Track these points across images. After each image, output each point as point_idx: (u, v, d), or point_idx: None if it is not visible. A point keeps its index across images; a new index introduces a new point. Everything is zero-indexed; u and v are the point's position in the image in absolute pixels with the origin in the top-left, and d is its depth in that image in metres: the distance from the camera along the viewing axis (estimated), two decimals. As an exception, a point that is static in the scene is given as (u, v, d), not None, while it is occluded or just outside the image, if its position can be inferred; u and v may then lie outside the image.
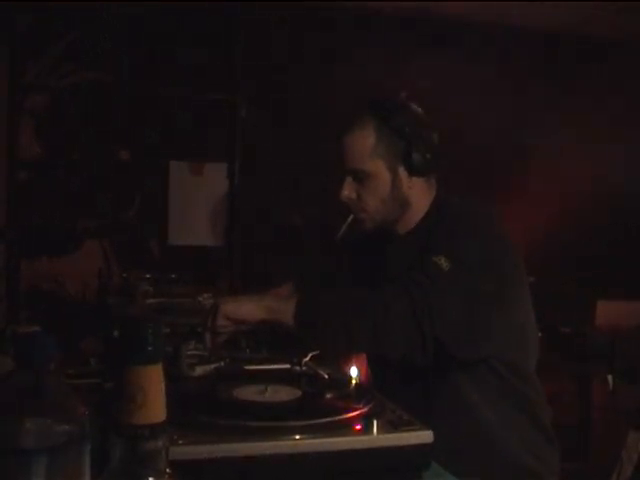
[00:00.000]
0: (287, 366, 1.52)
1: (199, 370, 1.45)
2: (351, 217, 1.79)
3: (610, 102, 4.30)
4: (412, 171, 1.72)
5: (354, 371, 1.39)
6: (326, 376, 1.42)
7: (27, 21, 3.47)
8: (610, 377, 2.99)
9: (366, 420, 1.17)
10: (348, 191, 1.75)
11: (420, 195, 1.77)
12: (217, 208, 3.61)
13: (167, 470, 0.70)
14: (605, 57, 4.29)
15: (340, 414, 1.19)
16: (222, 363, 1.50)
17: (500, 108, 4.13)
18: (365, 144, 1.71)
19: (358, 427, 1.16)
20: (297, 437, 1.11)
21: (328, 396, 1.32)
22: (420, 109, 1.77)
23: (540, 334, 1.89)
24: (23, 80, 3.47)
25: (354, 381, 1.37)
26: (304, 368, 1.48)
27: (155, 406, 0.69)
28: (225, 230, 3.60)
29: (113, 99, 3.69)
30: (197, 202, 3.56)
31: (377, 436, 1.14)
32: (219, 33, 3.66)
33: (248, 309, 1.55)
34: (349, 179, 1.75)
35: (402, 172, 1.73)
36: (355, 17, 3.95)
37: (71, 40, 3.62)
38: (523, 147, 4.21)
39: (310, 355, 1.50)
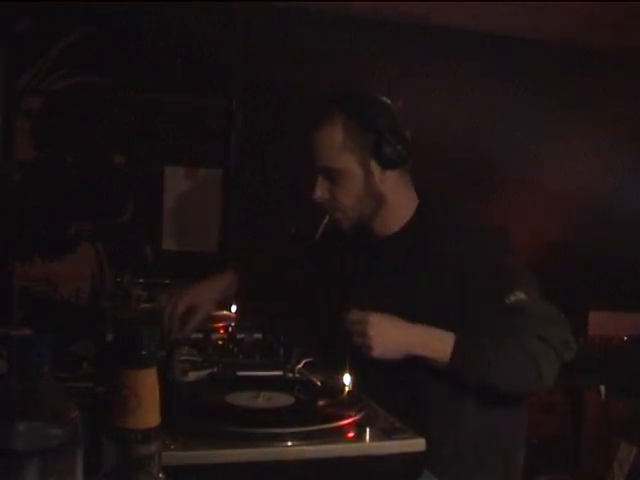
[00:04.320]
0: (280, 372, 1.52)
1: (192, 376, 1.45)
2: (327, 218, 1.75)
3: (606, 113, 4.31)
4: (384, 164, 1.68)
5: (347, 378, 1.39)
6: (319, 383, 1.42)
7: (24, 24, 3.47)
8: (602, 388, 2.99)
9: (359, 428, 1.16)
10: (320, 191, 1.72)
11: (395, 190, 1.73)
12: (211, 214, 3.61)
13: (160, 475, 0.70)
14: (604, 67, 4.31)
15: (333, 421, 1.18)
16: (215, 369, 1.50)
17: (491, 115, 4.14)
18: (333, 140, 1.67)
19: (351, 434, 1.16)
20: (289, 444, 1.11)
21: (321, 403, 1.32)
22: (388, 101, 1.73)
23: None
24: (19, 82, 3.47)
25: (347, 388, 1.37)
26: (297, 375, 1.48)
27: (149, 410, 0.68)
28: (219, 236, 3.60)
29: (108, 102, 3.69)
30: (191, 207, 3.56)
31: (369, 444, 1.14)
32: (216, 38, 3.67)
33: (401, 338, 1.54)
34: (321, 178, 1.71)
35: (374, 166, 1.68)
36: (355, 21, 3.96)
37: (67, 44, 3.62)
38: (514, 157, 4.21)
39: (303, 362, 1.50)
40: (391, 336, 1.53)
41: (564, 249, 4.18)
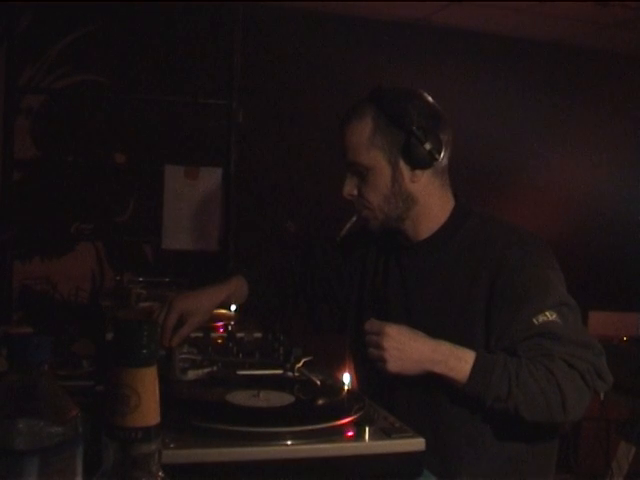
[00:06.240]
0: (280, 371, 1.52)
1: (192, 374, 1.45)
2: (355, 217, 1.71)
3: (607, 113, 4.32)
4: (413, 163, 1.60)
5: (347, 378, 1.39)
6: (319, 382, 1.42)
7: (25, 22, 3.48)
8: (601, 388, 2.99)
9: (358, 427, 1.16)
10: (349, 187, 1.66)
11: (427, 191, 1.65)
12: (212, 213, 3.60)
13: (160, 473, 0.70)
14: (610, 70, 4.32)
15: (332, 420, 1.18)
16: (215, 368, 1.50)
17: (491, 115, 4.14)
18: (362, 135, 1.61)
19: (350, 434, 1.16)
20: (289, 443, 1.11)
21: (320, 402, 1.32)
22: (429, 98, 1.66)
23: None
24: (19, 81, 3.47)
25: (347, 388, 1.37)
26: (297, 374, 1.48)
27: (149, 409, 0.68)
28: (219, 235, 3.59)
29: (109, 101, 3.69)
30: (192, 206, 3.55)
31: (369, 443, 1.14)
32: (217, 38, 3.67)
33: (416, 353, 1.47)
34: (349, 175, 1.66)
35: (403, 165, 1.61)
36: (356, 22, 3.97)
37: (68, 42, 3.63)
38: (517, 158, 4.21)
39: (303, 361, 1.49)
40: (408, 350, 1.46)
41: (564, 249, 4.18)
